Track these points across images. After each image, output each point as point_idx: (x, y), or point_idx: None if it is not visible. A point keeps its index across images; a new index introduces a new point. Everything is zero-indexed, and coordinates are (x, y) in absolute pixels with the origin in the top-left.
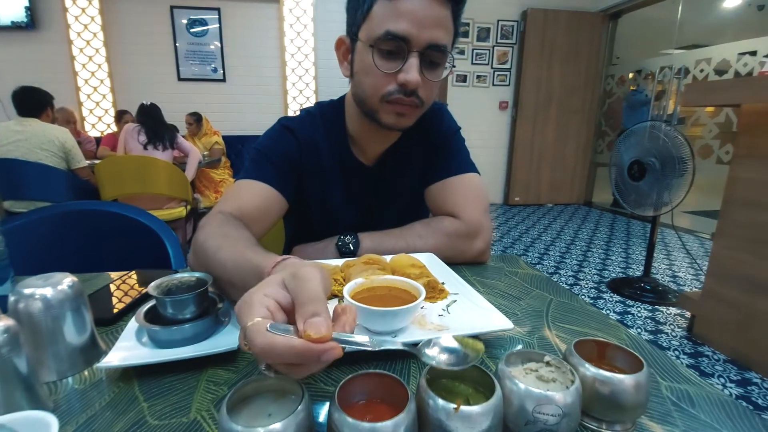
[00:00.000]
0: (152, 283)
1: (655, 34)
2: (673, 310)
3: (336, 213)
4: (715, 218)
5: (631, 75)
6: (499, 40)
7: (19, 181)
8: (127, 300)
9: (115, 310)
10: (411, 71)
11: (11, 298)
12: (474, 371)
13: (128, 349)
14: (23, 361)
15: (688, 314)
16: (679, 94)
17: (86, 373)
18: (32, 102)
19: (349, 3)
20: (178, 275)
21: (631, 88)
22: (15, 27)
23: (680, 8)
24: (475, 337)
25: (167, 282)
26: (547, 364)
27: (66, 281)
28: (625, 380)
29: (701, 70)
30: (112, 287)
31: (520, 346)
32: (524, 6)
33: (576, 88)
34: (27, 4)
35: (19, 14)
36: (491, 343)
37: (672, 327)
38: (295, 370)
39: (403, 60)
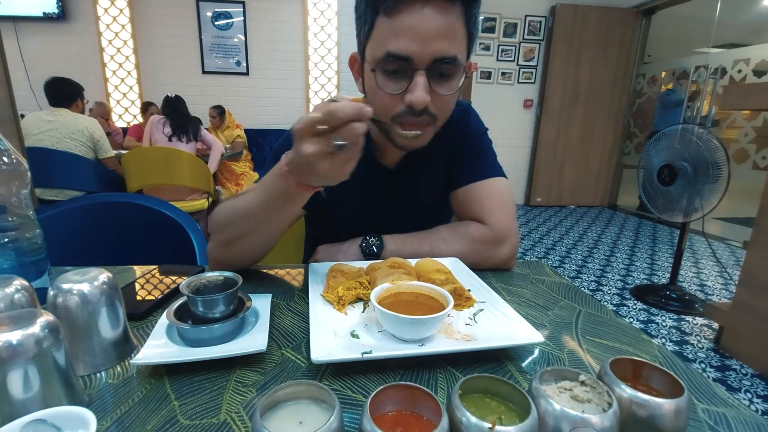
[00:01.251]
0: (183, 282)
1: (691, 32)
2: (699, 320)
3: (357, 215)
4: (748, 226)
5: (663, 74)
6: (526, 36)
7: (48, 170)
8: (156, 295)
9: (145, 306)
10: (416, 91)
11: (50, 293)
12: (507, 387)
13: (159, 346)
14: (62, 356)
15: (715, 325)
16: (715, 95)
17: (118, 368)
18: (63, 92)
19: (356, 21)
20: (207, 274)
21: (664, 87)
22: (46, 18)
23: (719, 5)
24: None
25: (196, 281)
26: (582, 383)
27: (102, 277)
28: (664, 405)
29: (739, 71)
30: (140, 282)
31: (541, 355)
32: (553, 1)
33: (604, 86)
34: None
35: (50, 5)
36: (520, 356)
37: (698, 338)
38: (351, 127)
39: (409, 79)
